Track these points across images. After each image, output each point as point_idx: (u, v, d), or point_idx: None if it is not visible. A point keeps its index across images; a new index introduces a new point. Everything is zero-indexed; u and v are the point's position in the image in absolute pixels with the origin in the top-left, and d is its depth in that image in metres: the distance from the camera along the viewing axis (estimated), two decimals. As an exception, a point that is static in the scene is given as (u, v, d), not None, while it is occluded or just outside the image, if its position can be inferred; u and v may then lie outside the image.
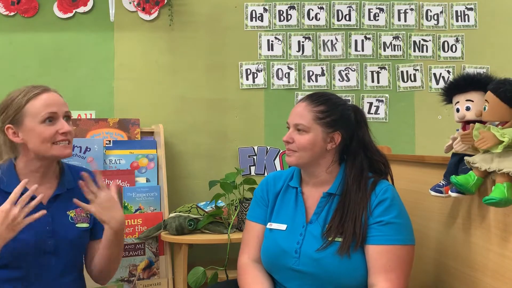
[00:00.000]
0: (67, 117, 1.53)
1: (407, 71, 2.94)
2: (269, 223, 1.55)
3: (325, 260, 1.40)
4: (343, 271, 1.39)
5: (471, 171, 1.27)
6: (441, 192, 1.42)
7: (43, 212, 1.40)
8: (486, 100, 1.23)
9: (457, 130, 1.39)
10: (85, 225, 1.58)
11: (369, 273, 1.39)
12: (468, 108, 1.33)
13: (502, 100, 1.19)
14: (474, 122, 1.31)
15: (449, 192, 1.36)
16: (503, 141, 1.15)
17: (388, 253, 1.38)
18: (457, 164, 1.38)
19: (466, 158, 1.29)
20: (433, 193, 1.44)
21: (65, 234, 1.52)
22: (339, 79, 2.92)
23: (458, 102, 1.37)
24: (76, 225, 1.56)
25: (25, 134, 1.48)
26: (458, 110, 1.36)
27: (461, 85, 1.36)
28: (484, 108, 1.24)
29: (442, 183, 1.43)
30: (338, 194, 1.48)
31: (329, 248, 1.40)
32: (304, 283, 1.44)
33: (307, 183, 1.56)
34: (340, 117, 1.50)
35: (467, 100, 1.34)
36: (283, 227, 1.51)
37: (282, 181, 1.61)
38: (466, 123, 1.36)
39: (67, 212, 1.56)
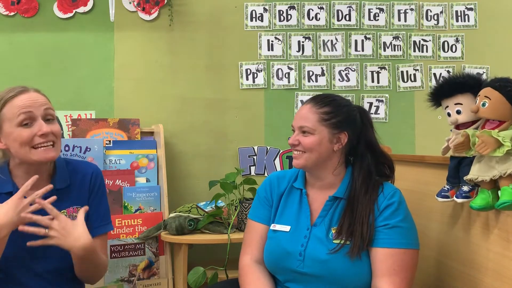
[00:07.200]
0: (49, 116, 1.44)
1: (407, 71, 2.94)
2: (272, 224, 1.54)
3: (333, 262, 1.39)
4: (351, 273, 1.38)
5: (482, 189, 1.25)
6: (447, 197, 1.42)
7: (53, 198, 1.40)
8: (486, 97, 1.22)
9: (451, 130, 1.39)
10: None
11: (374, 276, 1.39)
12: (458, 112, 1.33)
13: (508, 99, 1.19)
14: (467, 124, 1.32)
15: (454, 198, 1.36)
16: (503, 145, 1.14)
17: (393, 256, 1.37)
18: (457, 166, 1.38)
19: (466, 178, 1.27)
20: (440, 199, 1.43)
21: None
22: (339, 79, 2.91)
23: (447, 106, 1.37)
24: None
25: (6, 139, 1.41)
26: (449, 115, 1.37)
27: (446, 90, 1.36)
28: (484, 104, 1.22)
29: (447, 188, 1.42)
30: (345, 198, 1.47)
31: (339, 250, 1.39)
32: (307, 285, 1.43)
33: (312, 186, 1.55)
34: (346, 118, 1.49)
35: (456, 104, 1.34)
36: (286, 228, 1.50)
37: (286, 182, 1.60)
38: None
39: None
